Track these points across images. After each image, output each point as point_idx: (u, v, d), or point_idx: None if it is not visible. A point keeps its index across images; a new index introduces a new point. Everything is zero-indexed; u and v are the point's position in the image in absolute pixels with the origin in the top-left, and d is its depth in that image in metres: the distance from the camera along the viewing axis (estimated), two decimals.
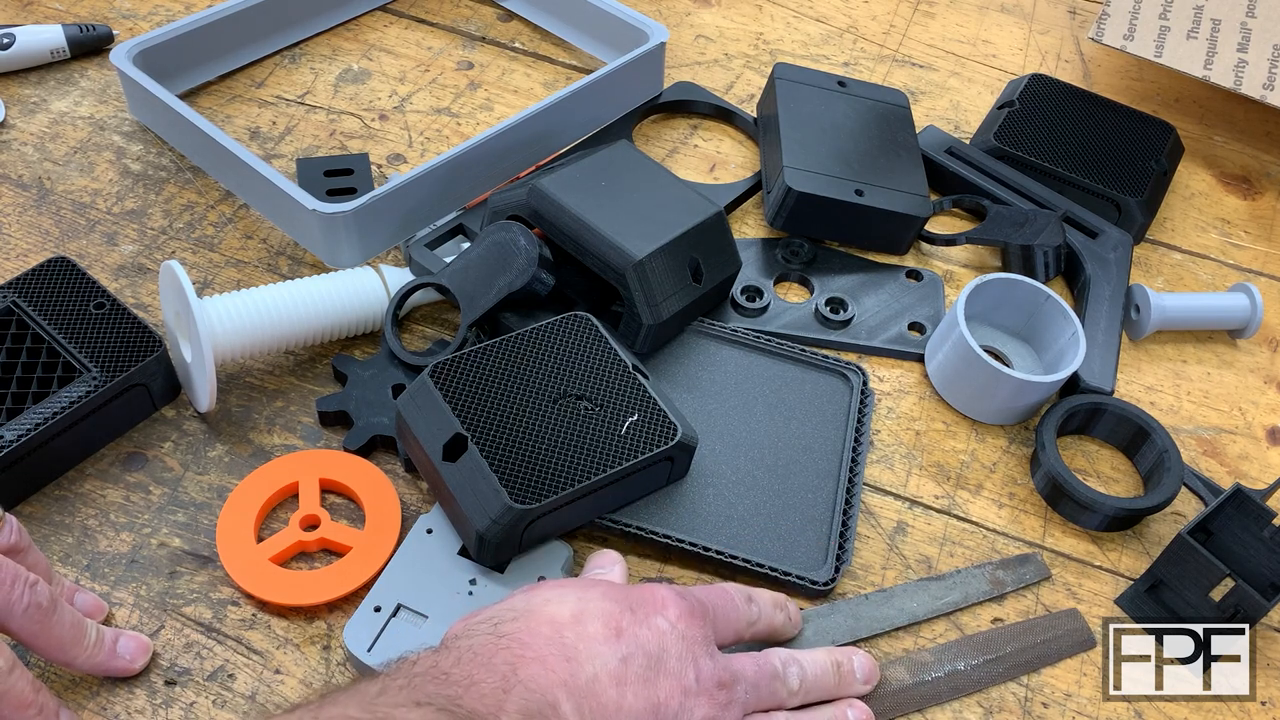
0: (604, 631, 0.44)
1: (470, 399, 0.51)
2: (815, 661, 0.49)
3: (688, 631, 0.45)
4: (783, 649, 0.49)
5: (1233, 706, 0.52)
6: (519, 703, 0.40)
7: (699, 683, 0.44)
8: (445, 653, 0.42)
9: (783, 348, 0.62)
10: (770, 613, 0.50)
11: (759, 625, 0.50)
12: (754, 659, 0.47)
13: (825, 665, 0.49)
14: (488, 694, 0.40)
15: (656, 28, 0.75)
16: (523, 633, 0.43)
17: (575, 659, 0.42)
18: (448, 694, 0.39)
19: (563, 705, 0.41)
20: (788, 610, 0.51)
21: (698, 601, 0.47)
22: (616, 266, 0.57)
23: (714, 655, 0.46)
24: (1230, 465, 0.62)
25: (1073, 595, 0.56)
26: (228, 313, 0.56)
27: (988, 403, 0.61)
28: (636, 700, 0.42)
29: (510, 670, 0.41)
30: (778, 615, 0.51)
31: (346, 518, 0.55)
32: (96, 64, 0.77)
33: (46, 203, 0.68)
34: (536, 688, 0.41)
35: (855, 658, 0.50)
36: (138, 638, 0.49)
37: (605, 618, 0.44)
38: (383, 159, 0.73)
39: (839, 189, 0.67)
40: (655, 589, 0.47)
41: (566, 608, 0.44)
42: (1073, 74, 0.86)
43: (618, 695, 0.42)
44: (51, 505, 0.54)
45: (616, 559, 0.51)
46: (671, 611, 0.45)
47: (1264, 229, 0.76)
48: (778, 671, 0.47)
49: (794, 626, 0.51)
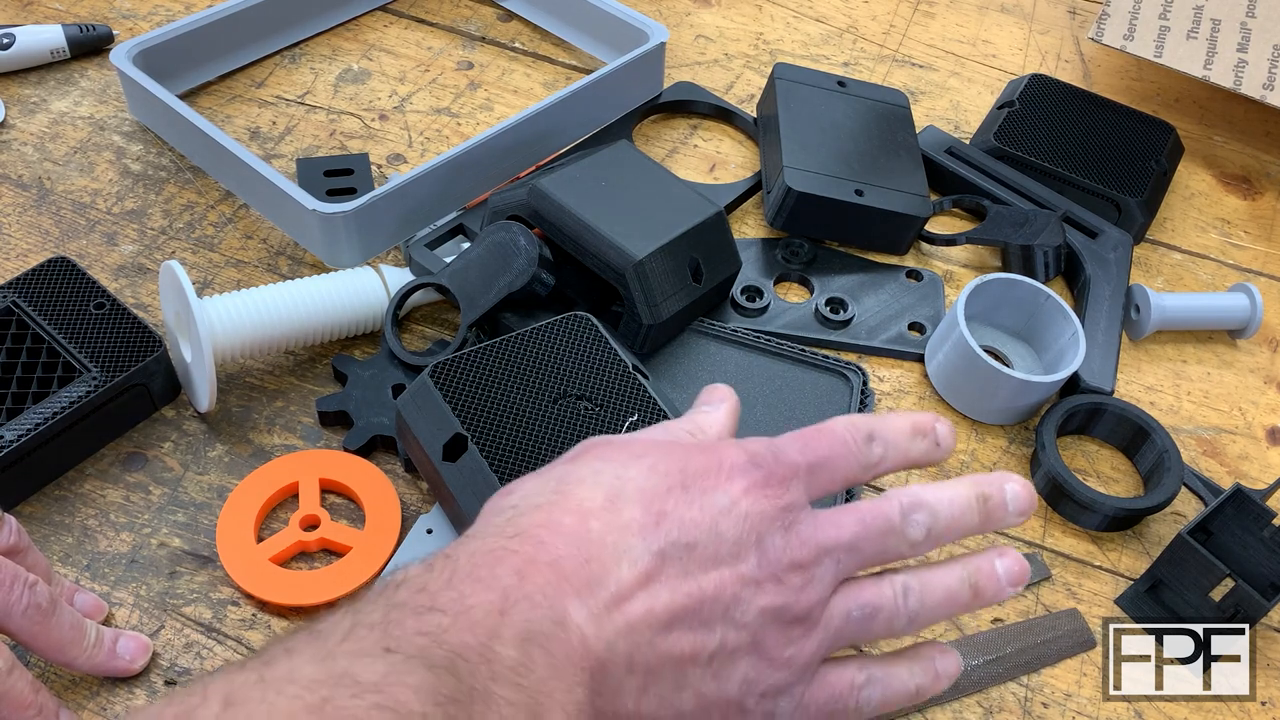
0: (641, 518, 0.36)
1: (470, 399, 0.51)
2: (952, 500, 0.39)
3: (754, 507, 0.37)
4: (913, 488, 0.40)
5: (1233, 706, 0.52)
6: (518, 625, 0.33)
7: (762, 568, 0.36)
8: (442, 565, 0.35)
9: (783, 348, 0.62)
10: (903, 446, 0.40)
11: (885, 465, 0.40)
12: (859, 514, 0.38)
13: (965, 502, 0.39)
14: (479, 620, 0.33)
15: (656, 28, 0.75)
16: (540, 527, 0.36)
17: (598, 557, 0.35)
18: (429, 629, 0.33)
19: (573, 616, 0.34)
20: (935, 433, 0.41)
21: (784, 466, 0.38)
22: (616, 266, 0.57)
23: (792, 528, 0.37)
24: (1230, 465, 0.62)
25: (1073, 595, 0.56)
26: (228, 313, 0.56)
27: (988, 403, 0.61)
28: (674, 596, 0.35)
29: (515, 582, 0.34)
30: (915, 445, 0.40)
31: (346, 518, 0.55)
32: (96, 64, 0.77)
33: (46, 203, 0.68)
34: (543, 599, 0.34)
35: (1008, 485, 0.40)
36: (137, 638, 0.49)
37: (646, 499, 0.37)
38: (383, 159, 0.73)
39: (839, 189, 0.67)
40: (726, 452, 0.38)
41: (600, 489, 0.37)
42: (1073, 74, 0.86)
43: (647, 597, 0.35)
44: (51, 505, 0.54)
45: (726, 395, 0.44)
46: (738, 484, 0.37)
47: (1264, 229, 0.76)
48: (892, 524, 0.38)
49: (942, 452, 0.41)
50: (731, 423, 0.44)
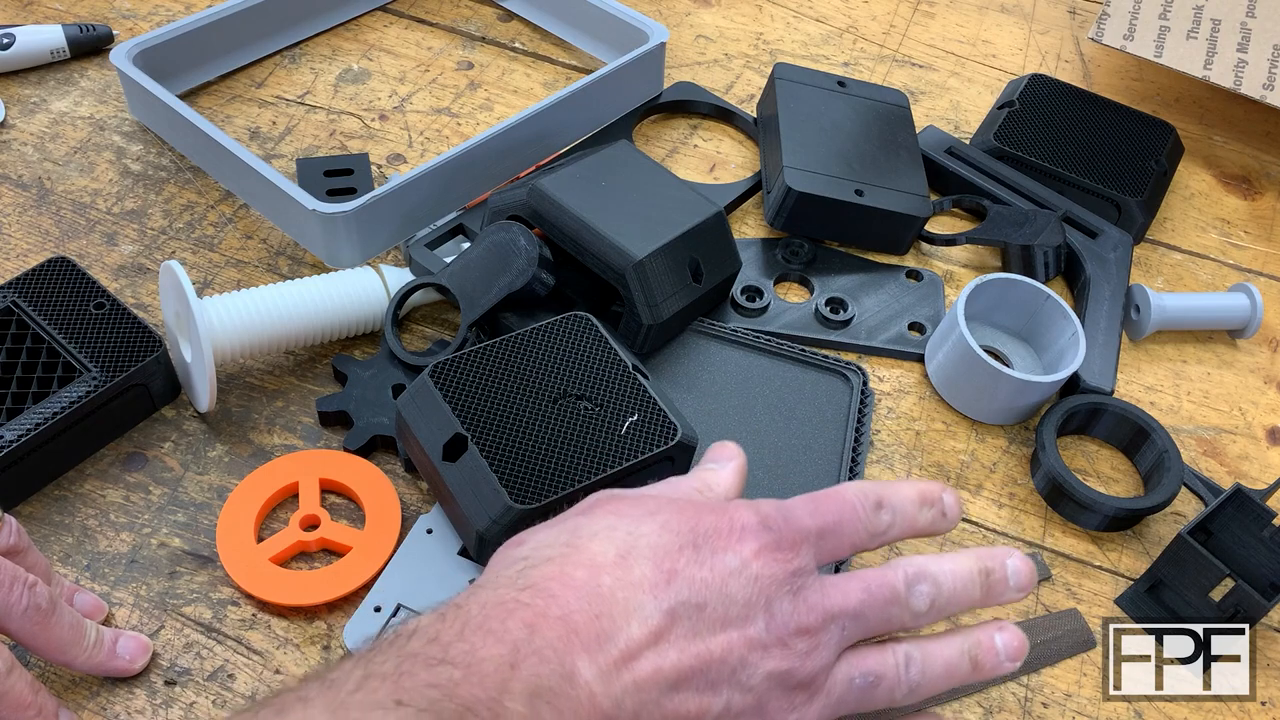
0: (653, 575, 0.36)
1: (470, 399, 0.51)
2: (955, 573, 0.39)
3: (764, 570, 0.37)
4: (918, 559, 0.40)
5: (1233, 706, 0.52)
6: (527, 680, 0.34)
7: (770, 631, 0.37)
8: (454, 615, 0.36)
9: (783, 348, 0.62)
10: (910, 514, 0.40)
11: (892, 533, 0.40)
12: (865, 582, 0.39)
13: (969, 575, 0.39)
14: (490, 674, 0.33)
15: (656, 28, 0.75)
16: (552, 580, 0.36)
17: (608, 613, 0.35)
18: (441, 682, 0.33)
19: (582, 672, 0.35)
20: (942, 504, 0.41)
21: (794, 530, 0.39)
22: (616, 266, 0.57)
23: (800, 593, 0.38)
24: (1230, 465, 0.62)
25: (1073, 595, 0.56)
26: (228, 313, 0.56)
27: (988, 403, 0.61)
28: (681, 656, 0.36)
29: (525, 635, 0.34)
30: (923, 515, 0.41)
31: (346, 518, 0.55)
32: (96, 64, 0.77)
33: (46, 203, 0.68)
34: (553, 654, 0.34)
35: (1010, 561, 0.40)
36: (137, 638, 0.49)
37: (658, 556, 0.37)
38: (383, 159, 0.73)
39: (839, 189, 0.67)
40: (737, 513, 0.39)
41: (613, 544, 0.37)
42: (1073, 74, 0.86)
43: (655, 655, 0.35)
44: (51, 505, 0.54)
45: (734, 454, 0.44)
46: (749, 546, 0.38)
47: (1264, 229, 0.76)
48: (897, 594, 0.38)
49: (948, 522, 0.41)
50: (739, 481, 0.44)
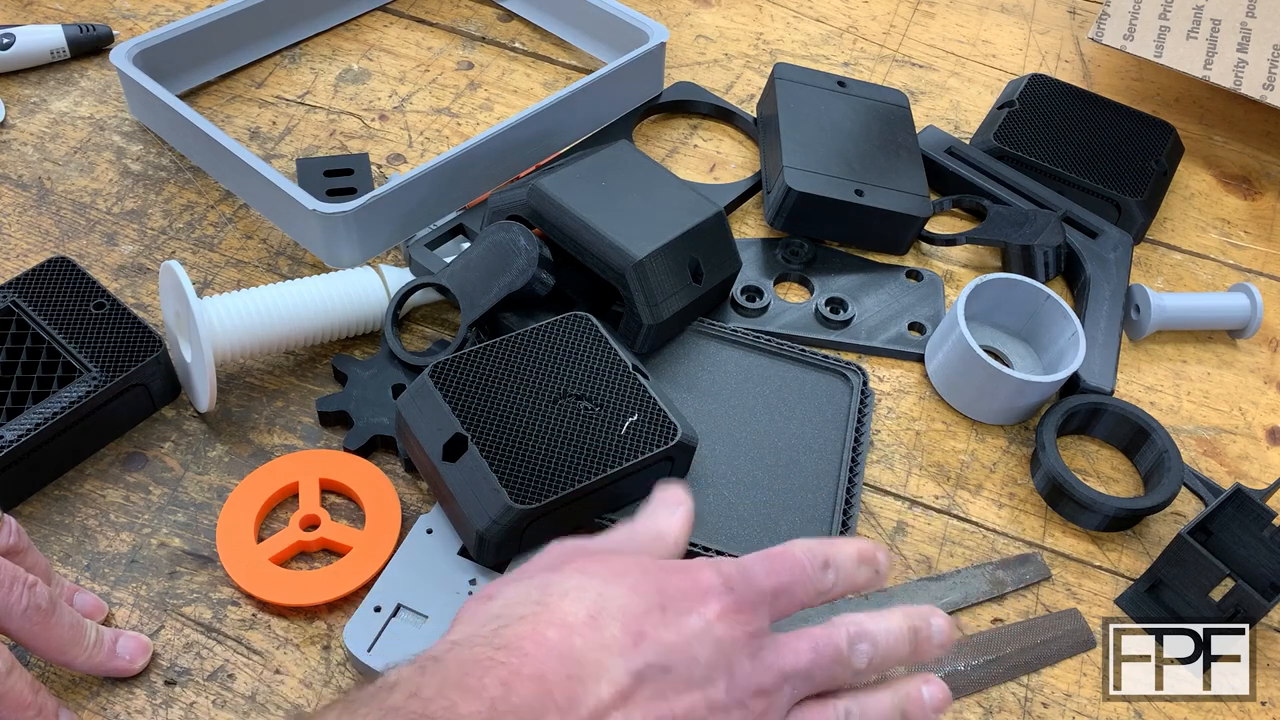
0: (621, 637, 0.38)
1: (470, 399, 0.51)
2: (889, 631, 0.42)
3: (727, 632, 0.40)
4: (857, 617, 0.43)
5: (1233, 706, 0.52)
6: None
7: (730, 693, 0.39)
8: (433, 669, 0.37)
9: (783, 348, 0.62)
10: (850, 574, 0.43)
11: (835, 591, 0.43)
12: (814, 642, 0.41)
13: (900, 633, 0.43)
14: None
15: (656, 28, 0.75)
16: (525, 639, 0.38)
17: (579, 675, 0.37)
18: None
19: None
20: (875, 563, 0.44)
21: (754, 591, 0.41)
22: (616, 266, 0.57)
23: (758, 655, 0.40)
24: (1230, 465, 0.62)
25: (1073, 595, 0.56)
26: (228, 313, 0.56)
27: (988, 403, 0.61)
28: (645, 718, 0.37)
29: (501, 693, 0.36)
30: (860, 574, 0.44)
31: (346, 518, 0.55)
32: (96, 64, 0.77)
33: (46, 203, 0.68)
34: (529, 713, 0.36)
35: (934, 621, 0.43)
36: (137, 638, 0.49)
37: (627, 618, 0.39)
38: (383, 159, 0.73)
39: (839, 189, 0.67)
40: (701, 574, 0.41)
41: (584, 605, 0.39)
42: (1073, 74, 0.86)
43: (621, 716, 0.37)
44: (51, 505, 0.54)
45: (681, 501, 0.46)
46: (712, 608, 0.40)
47: (1264, 229, 0.76)
48: (841, 653, 0.41)
49: (880, 580, 0.44)
50: (688, 528, 0.46)
